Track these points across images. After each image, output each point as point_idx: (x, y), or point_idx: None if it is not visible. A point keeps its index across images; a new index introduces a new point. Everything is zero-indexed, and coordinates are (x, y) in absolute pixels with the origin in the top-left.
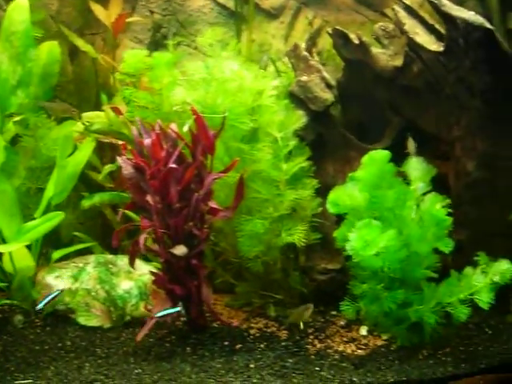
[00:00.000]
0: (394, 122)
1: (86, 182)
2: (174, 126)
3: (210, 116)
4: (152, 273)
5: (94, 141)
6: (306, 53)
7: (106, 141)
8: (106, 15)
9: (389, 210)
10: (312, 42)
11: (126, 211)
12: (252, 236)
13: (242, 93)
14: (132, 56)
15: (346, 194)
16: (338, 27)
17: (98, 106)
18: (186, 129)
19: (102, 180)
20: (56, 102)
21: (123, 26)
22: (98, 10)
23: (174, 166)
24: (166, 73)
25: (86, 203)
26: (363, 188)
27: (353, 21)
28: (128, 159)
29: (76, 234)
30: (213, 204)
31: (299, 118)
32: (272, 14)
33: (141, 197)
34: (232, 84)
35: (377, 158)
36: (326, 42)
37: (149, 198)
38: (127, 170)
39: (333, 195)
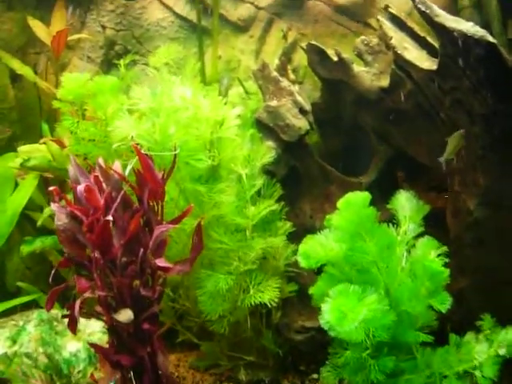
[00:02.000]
0: (380, 150)
1: (32, 221)
2: (117, 166)
3: (158, 154)
4: (91, 344)
5: (37, 177)
6: (275, 73)
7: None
8: (46, 33)
9: (371, 262)
10: (286, 57)
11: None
12: (215, 294)
13: (197, 124)
14: (71, 80)
15: (320, 245)
16: (313, 42)
17: None
18: (127, 172)
19: (44, 222)
20: None
21: (64, 44)
22: (37, 26)
23: (110, 218)
24: (112, 100)
25: (25, 249)
26: (340, 237)
27: (332, 33)
28: (62, 206)
29: (19, 284)
30: (162, 262)
31: (268, 151)
32: (240, 27)
33: (78, 251)
34: (185, 114)
35: (354, 201)
36: (302, 58)
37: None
38: (60, 219)
39: (304, 246)
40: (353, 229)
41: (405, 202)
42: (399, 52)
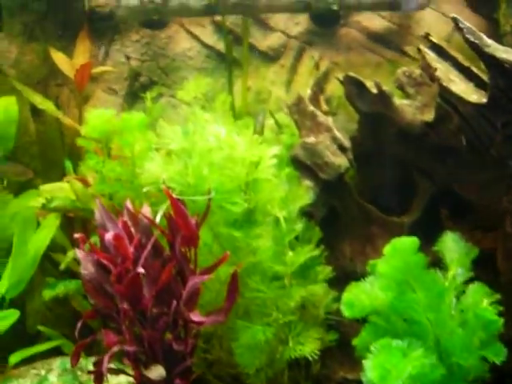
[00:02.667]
0: (423, 187)
1: (54, 262)
2: (146, 209)
3: (191, 198)
4: None
5: (60, 216)
6: (312, 107)
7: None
8: (69, 65)
9: (420, 312)
10: (319, 87)
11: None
12: (252, 347)
13: (232, 165)
14: (96, 117)
15: (365, 293)
16: (350, 73)
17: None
18: (158, 219)
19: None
20: (8, 164)
21: (88, 78)
22: (59, 59)
23: (141, 271)
24: (139, 137)
25: (47, 293)
26: (386, 285)
27: (366, 62)
28: (88, 254)
29: (40, 327)
30: (197, 316)
31: (306, 192)
32: (270, 57)
33: (105, 302)
34: (219, 154)
35: (401, 247)
36: (335, 87)
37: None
38: (87, 268)
39: (348, 295)
40: (400, 276)
41: (452, 244)
42: (445, 84)
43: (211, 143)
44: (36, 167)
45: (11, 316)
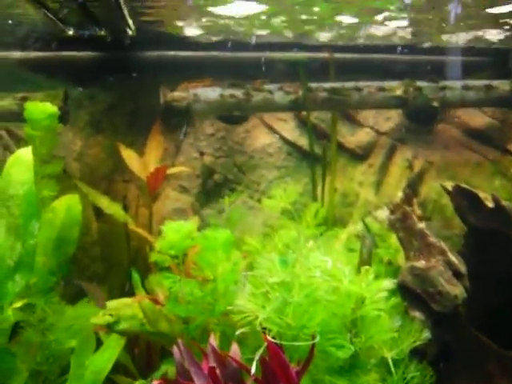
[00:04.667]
0: None
1: None
2: (236, 352)
3: (291, 344)
4: None
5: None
6: (421, 225)
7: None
8: (140, 166)
9: None
10: (412, 189)
11: None
12: None
13: (338, 300)
14: (174, 230)
15: None
16: (461, 184)
17: (129, 275)
18: (253, 370)
19: None
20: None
21: (162, 182)
22: (129, 157)
23: None
24: (223, 257)
25: None
26: None
27: (465, 161)
28: None
29: None
30: None
31: (419, 328)
32: (358, 155)
33: None
34: (324, 288)
35: None
36: (430, 190)
37: None
38: None
39: None
40: None
41: None
42: None
43: (315, 276)
44: (96, 270)
45: None
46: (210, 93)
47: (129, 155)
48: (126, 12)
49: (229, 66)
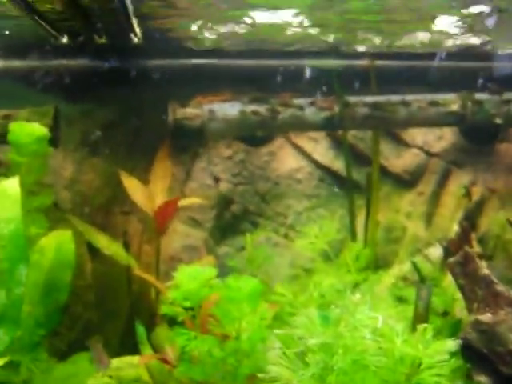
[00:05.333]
0: None
1: None
2: None
3: None
4: None
5: None
6: (486, 270)
7: None
8: (145, 197)
9: None
10: (470, 222)
11: None
12: None
13: (388, 363)
14: (189, 277)
15: None
16: None
17: (129, 325)
18: None
19: None
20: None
21: (171, 218)
22: (132, 187)
23: None
24: (247, 310)
25: None
26: None
27: None
28: None
29: None
30: None
31: None
32: (405, 181)
33: None
34: (373, 351)
35: None
36: (492, 223)
37: None
38: None
39: None
40: None
41: None
42: None
43: (365, 337)
44: (90, 318)
45: None
46: (228, 109)
47: (131, 184)
48: (132, 18)
49: (251, 76)
